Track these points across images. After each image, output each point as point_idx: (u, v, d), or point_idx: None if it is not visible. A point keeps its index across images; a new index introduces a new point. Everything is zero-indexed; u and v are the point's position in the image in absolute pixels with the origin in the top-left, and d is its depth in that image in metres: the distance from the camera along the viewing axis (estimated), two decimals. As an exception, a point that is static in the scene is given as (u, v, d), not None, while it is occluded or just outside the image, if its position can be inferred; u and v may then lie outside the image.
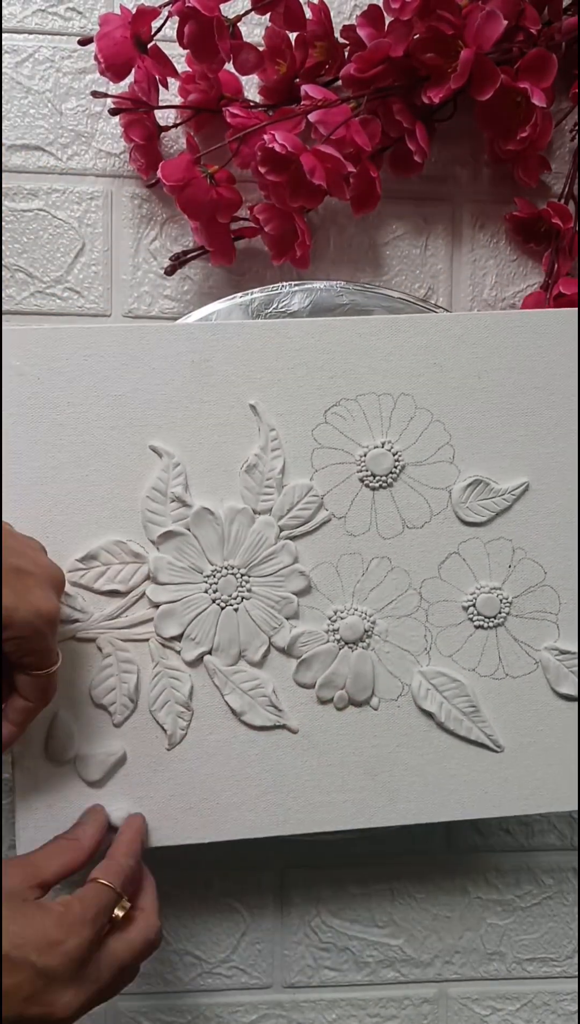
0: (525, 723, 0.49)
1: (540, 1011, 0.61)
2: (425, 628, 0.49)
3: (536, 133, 0.51)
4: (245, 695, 0.48)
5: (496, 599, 0.49)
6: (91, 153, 0.54)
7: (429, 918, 0.59)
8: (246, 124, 0.51)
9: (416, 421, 0.48)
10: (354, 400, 0.48)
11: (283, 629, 0.48)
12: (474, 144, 0.56)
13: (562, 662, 0.49)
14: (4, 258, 0.54)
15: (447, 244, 0.57)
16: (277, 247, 0.52)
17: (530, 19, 0.50)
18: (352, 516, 0.48)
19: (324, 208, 0.55)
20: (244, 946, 0.59)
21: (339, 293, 0.53)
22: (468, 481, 0.48)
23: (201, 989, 0.59)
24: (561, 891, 0.60)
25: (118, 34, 0.49)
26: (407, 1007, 0.60)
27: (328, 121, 0.49)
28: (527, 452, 0.49)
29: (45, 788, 0.47)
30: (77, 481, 0.47)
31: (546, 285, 0.56)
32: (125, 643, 0.47)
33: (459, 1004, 0.60)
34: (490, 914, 0.60)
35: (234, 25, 0.50)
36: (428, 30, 0.48)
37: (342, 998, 0.60)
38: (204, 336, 0.47)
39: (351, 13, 0.55)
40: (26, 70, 0.54)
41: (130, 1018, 0.58)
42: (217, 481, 0.47)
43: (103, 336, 0.46)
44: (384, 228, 0.56)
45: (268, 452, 0.47)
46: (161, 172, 0.49)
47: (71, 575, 0.47)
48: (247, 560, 0.48)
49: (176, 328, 0.47)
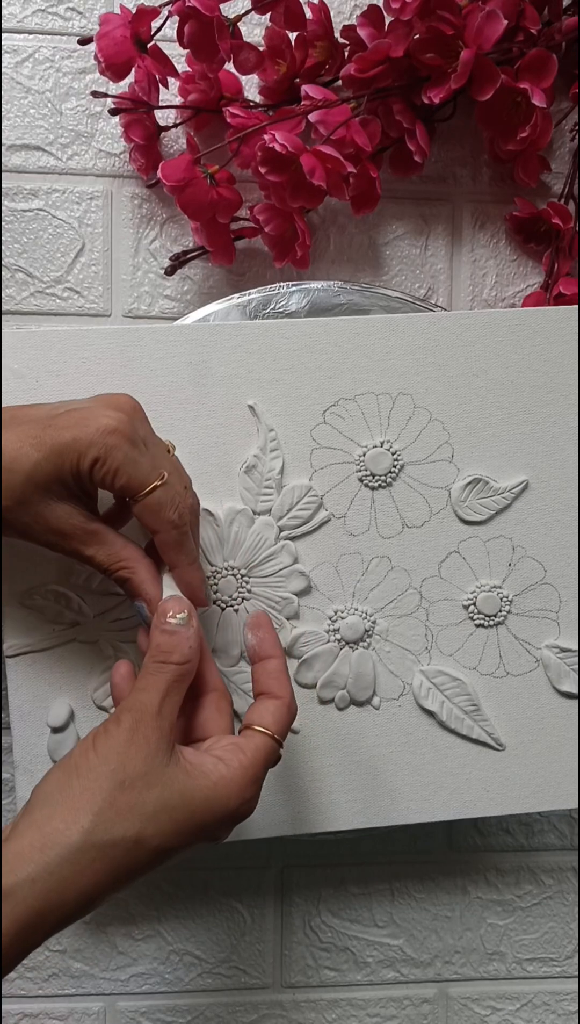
0: (526, 721, 0.49)
1: (540, 1011, 0.61)
2: (425, 627, 0.49)
3: (536, 133, 0.51)
4: (246, 696, 0.48)
5: (496, 597, 0.49)
6: (91, 153, 0.54)
7: (429, 918, 0.60)
8: (246, 124, 0.51)
9: (415, 420, 0.48)
10: (353, 400, 0.48)
11: (283, 629, 0.48)
12: (474, 144, 0.56)
13: (563, 660, 0.49)
14: (4, 258, 0.54)
15: (447, 244, 0.57)
16: (277, 247, 0.52)
17: (530, 19, 0.50)
18: (352, 516, 0.48)
19: (324, 208, 0.55)
20: (244, 946, 0.59)
21: (337, 293, 0.53)
22: (467, 480, 0.48)
23: (201, 989, 0.59)
24: (561, 891, 0.60)
25: (118, 34, 0.49)
26: (407, 1007, 0.60)
27: (328, 121, 0.49)
28: (526, 450, 0.49)
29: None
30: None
31: (546, 285, 0.56)
32: (126, 645, 0.47)
33: (459, 1004, 0.60)
34: (490, 914, 0.60)
35: (234, 25, 0.50)
36: (428, 30, 0.48)
37: (342, 998, 0.60)
38: (202, 337, 0.47)
39: (351, 13, 0.55)
40: (26, 70, 0.54)
41: (130, 1018, 0.58)
42: (216, 482, 0.47)
43: (101, 338, 0.46)
44: (384, 228, 0.56)
45: (267, 452, 0.47)
46: (161, 172, 0.49)
47: (71, 577, 0.47)
48: (247, 561, 0.48)
49: (174, 329, 0.47)
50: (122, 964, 0.58)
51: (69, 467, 0.38)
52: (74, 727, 0.47)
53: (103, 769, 0.35)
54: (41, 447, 0.38)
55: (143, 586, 0.41)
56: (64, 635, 0.47)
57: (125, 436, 0.39)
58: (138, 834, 0.35)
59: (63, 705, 0.47)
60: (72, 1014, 0.58)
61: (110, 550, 0.40)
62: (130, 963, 0.58)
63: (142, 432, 0.40)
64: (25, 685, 0.47)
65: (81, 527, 0.40)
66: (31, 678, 0.47)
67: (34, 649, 0.47)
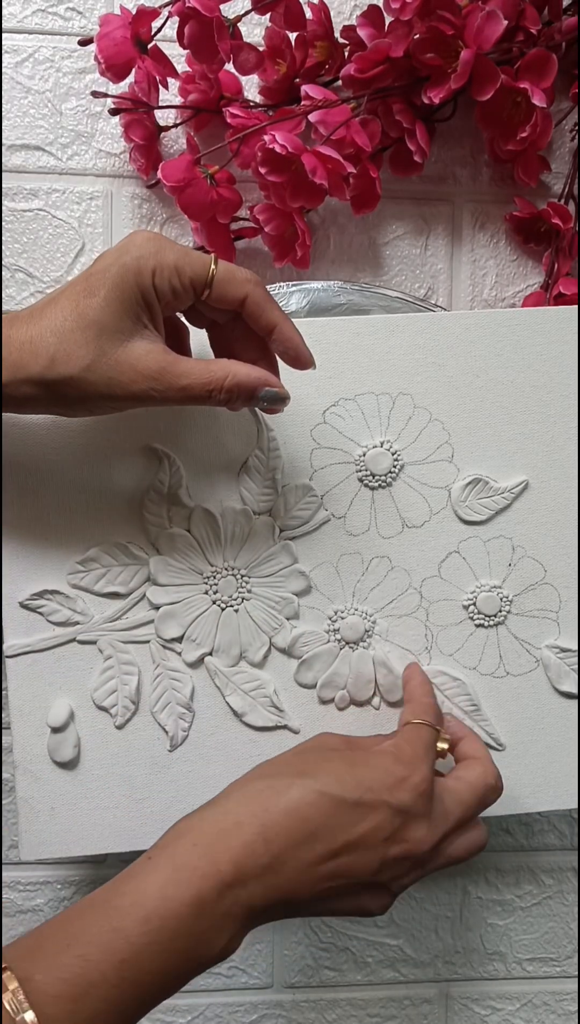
0: (526, 721, 0.49)
1: (540, 1011, 0.61)
2: (425, 627, 0.49)
3: (536, 133, 0.51)
4: (246, 696, 0.48)
5: (496, 597, 0.49)
6: (91, 153, 0.54)
7: (429, 918, 0.60)
8: (246, 124, 0.50)
9: (415, 420, 0.48)
10: (352, 400, 0.48)
11: (284, 630, 0.48)
12: (474, 144, 0.56)
13: (563, 660, 0.49)
14: (4, 258, 0.54)
15: (447, 244, 0.57)
16: (277, 247, 0.52)
17: (530, 19, 0.50)
18: (352, 516, 0.48)
19: (324, 208, 0.55)
20: (244, 946, 0.59)
21: (337, 293, 0.53)
22: (467, 480, 0.48)
23: (201, 989, 0.59)
24: (561, 891, 0.60)
25: (118, 34, 0.49)
26: (407, 1007, 0.60)
27: (328, 121, 0.49)
28: (526, 450, 0.49)
29: (47, 791, 0.47)
30: (76, 483, 0.47)
31: (546, 285, 0.56)
32: (126, 645, 0.47)
33: (459, 1004, 0.60)
34: (490, 914, 0.60)
35: (234, 25, 0.50)
36: (428, 30, 0.48)
37: (342, 998, 0.60)
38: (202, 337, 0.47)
39: (351, 13, 0.55)
40: (26, 70, 0.54)
41: (130, 1019, 0.58)
42: (216, 482, 0.47)
43: None
44: (384, 228, 0.56)
45: (267, 453, 0.47)
46: (161, 172, 0.49)
47: (71, 577, 0.47)
48: (247, 561, 0.48)
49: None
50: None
51: (131, 292, 0.38)
52: (74, 727, 0.47)
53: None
54: (95, 292, 0.38)
55: (251, 376, 0.40)
56: (64, 635, 0.47)
57: (161, 238, 0.39)
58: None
59: (63, 705, 0.47)
60: (72, 1014, 0.58)
61: (200, 369, 0.40)
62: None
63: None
64: (25, 685, 0.47)
65: (164, 358, 0.39)
66: (31, 678, 0.47)
67: (34, 649, 0.47)
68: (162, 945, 0.34)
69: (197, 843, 0.37)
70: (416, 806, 0.39)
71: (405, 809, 0.39)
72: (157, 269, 0.38)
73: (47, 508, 0.47)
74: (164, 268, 0.38)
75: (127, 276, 0.38)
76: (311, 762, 0.41)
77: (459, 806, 0.41)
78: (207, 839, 0.37)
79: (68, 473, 0.47)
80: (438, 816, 0.40)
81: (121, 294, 0.38)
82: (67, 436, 0.46)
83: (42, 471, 0.46)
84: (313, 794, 0.38)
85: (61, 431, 0.46)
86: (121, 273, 0.38)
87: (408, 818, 0.39)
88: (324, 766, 0.40)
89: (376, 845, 0.38)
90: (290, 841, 0.37)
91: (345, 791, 0.38)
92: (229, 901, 0.36)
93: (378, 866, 0.38)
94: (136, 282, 0.38)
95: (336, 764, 0.40)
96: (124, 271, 0.38)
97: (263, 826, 0.37)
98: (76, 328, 0.37)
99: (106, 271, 0.38)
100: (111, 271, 0.38)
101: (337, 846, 0.37)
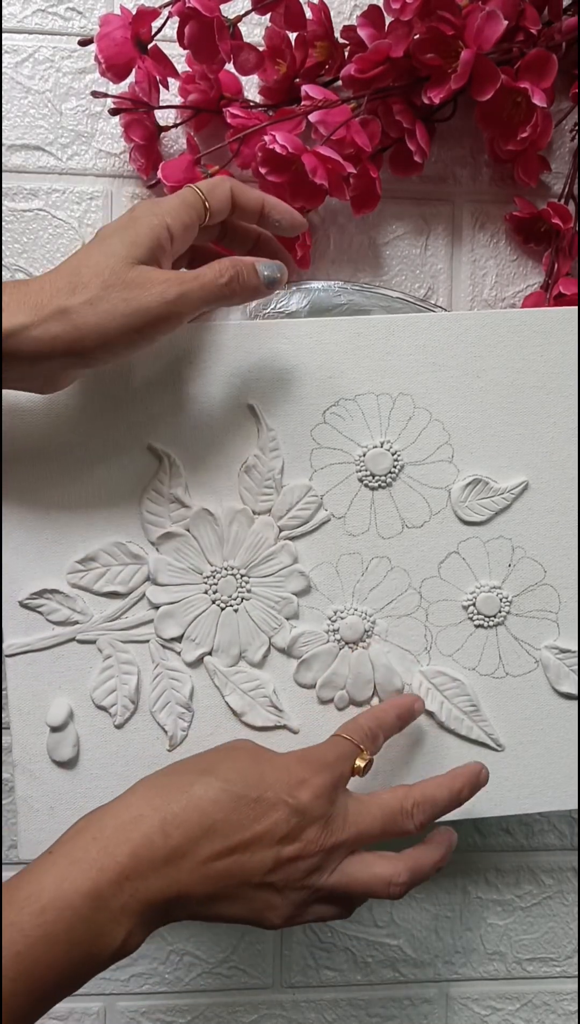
0: (525, 722, 0.49)
1: (540, 1011, 0.61)
2: (425, 628, 0.49)
3: (536, 133, 0.51)
4: (246, 696, 0.48)
5: (496, 598, 0.49)
6: (91, 153, 0.54)
7: (429, 918, 0.60)
8: (246, 124, 0.51)
9: (415, 421, 0.48)
10: (353, 400, 0.48)
11: (283, 629, 0.48)
12: (474, 144, 0.56)
13: (562, 661, 0.49)
14: (4, 258, 0.54)
15: (447, 244, 0.57)
16: (277, 247, 0.52)
17: (530, 19, 0.50)
18: (351, 516, 0.48)
19: (324, 208, 0.55)
20: (244, 946, 0.59)
21: (337, 293, 0.53)
22: (467, 480, 0.48)
23: (201, 989, 0.59)
24: (561, 891, 0.60)
25: (118, 35, 0.49)
26: (407, 1007, 0.60)
27: (328, 121, 0.49)
28: (526, 451, 0.49)
29: (46, 790, 0.47)
30: (76, 482, 0.47)
31: (546, 285, 0.56)
32: (125, 644, 0.47)
33: (459, 1004, 0.60)
34: (490, 914, 0.60)
35: (234, 25, 0.50)
36: (428, 30, 0.48)
37: (342, 998, 0.60)
38: (202, 337, 0.47)
39: (351, 13, 0.55)
40: (26, 70, 0.54)
41: (130, 1018, 0.58)
42: (216, 482, 0.48)
43: None
44: (384, 228, 0.56)
45: (267, 453, 0.47)
46: (161, 172, 0.49)
47: (70, 577, 0.47)
48: (247, 561, 0.48)
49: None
50: (122, 964, 0.58)
51: (146, 245, 0.40)
52: (73, 727, 0.47)
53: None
54: (107, 239, 0.41)
55: (247, 257, 0.43)
56: (63, 634, 0.47)
57: (154, 202, 0.42)
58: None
59: (62, 704, 0.47)
60: (72, 1014, 0.58)
61: (209, 265, 0.42)
62: (130, 963, 0.58)
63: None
64: (25, 685, 0.47)
65: (176, 270, 0.42)
66: (31, 678, 0.47)
67: (33, 648, 0.47)
68: (57, 937, 0.34)
69: (97, 837, 0.37)
70: (313, 807, 0.39)
71: (302, 809, 0.39)
72: (170, 225, 0.41)
73: (47, 507, 0.47)
74: (174, 217, 0.41)
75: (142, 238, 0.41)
76: (217, 760, 0.41)
77: (364, 817, 0.41)
78: (107, 832, 0.37)
79: (68, 472, 0.47)
80: (337, 820, 0.40)
81: (136, 248, 0.40)
82: (68, 435, 0.46)
83: (42, 470, 0.46)
84: (215, 790, 0.38)
85: (62, 430, 0.46)
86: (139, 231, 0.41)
87: (305, 819, 0.39)
88: (229, 764, 0.40)
89: (272, 844, 0.38)
90: (189, 835, 0.37)
91: (247, 788, 0.39)
92: (127, 894, 0.36)
93: (272, 865, 0.38)
94: (154, 236, 0.41)
95: (241, 762, 0.40)
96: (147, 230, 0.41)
97: (163, 820, 0.37)
98: (96, 259, 0.40)
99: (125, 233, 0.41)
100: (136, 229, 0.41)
101: (233, 843, 0.38)
